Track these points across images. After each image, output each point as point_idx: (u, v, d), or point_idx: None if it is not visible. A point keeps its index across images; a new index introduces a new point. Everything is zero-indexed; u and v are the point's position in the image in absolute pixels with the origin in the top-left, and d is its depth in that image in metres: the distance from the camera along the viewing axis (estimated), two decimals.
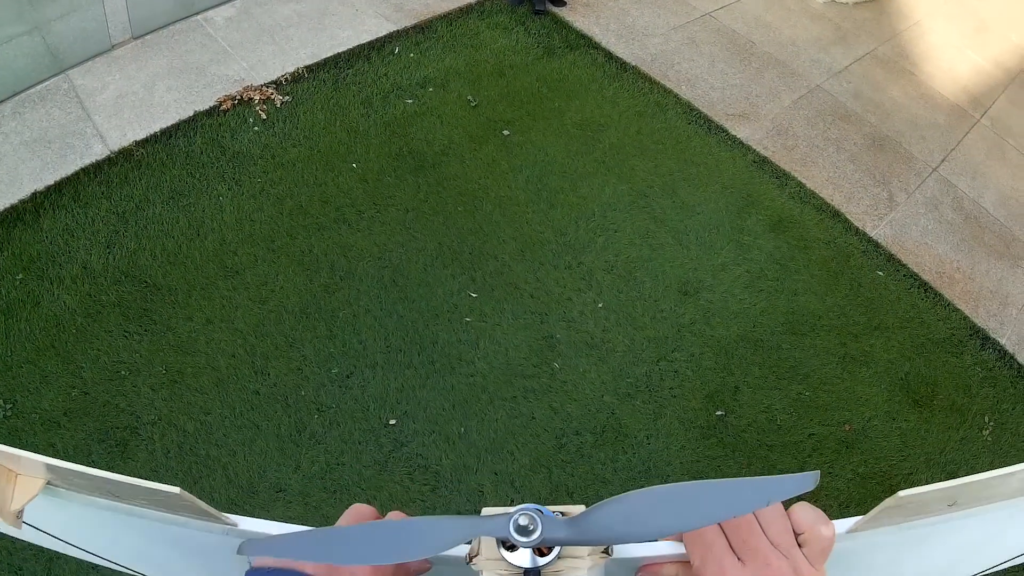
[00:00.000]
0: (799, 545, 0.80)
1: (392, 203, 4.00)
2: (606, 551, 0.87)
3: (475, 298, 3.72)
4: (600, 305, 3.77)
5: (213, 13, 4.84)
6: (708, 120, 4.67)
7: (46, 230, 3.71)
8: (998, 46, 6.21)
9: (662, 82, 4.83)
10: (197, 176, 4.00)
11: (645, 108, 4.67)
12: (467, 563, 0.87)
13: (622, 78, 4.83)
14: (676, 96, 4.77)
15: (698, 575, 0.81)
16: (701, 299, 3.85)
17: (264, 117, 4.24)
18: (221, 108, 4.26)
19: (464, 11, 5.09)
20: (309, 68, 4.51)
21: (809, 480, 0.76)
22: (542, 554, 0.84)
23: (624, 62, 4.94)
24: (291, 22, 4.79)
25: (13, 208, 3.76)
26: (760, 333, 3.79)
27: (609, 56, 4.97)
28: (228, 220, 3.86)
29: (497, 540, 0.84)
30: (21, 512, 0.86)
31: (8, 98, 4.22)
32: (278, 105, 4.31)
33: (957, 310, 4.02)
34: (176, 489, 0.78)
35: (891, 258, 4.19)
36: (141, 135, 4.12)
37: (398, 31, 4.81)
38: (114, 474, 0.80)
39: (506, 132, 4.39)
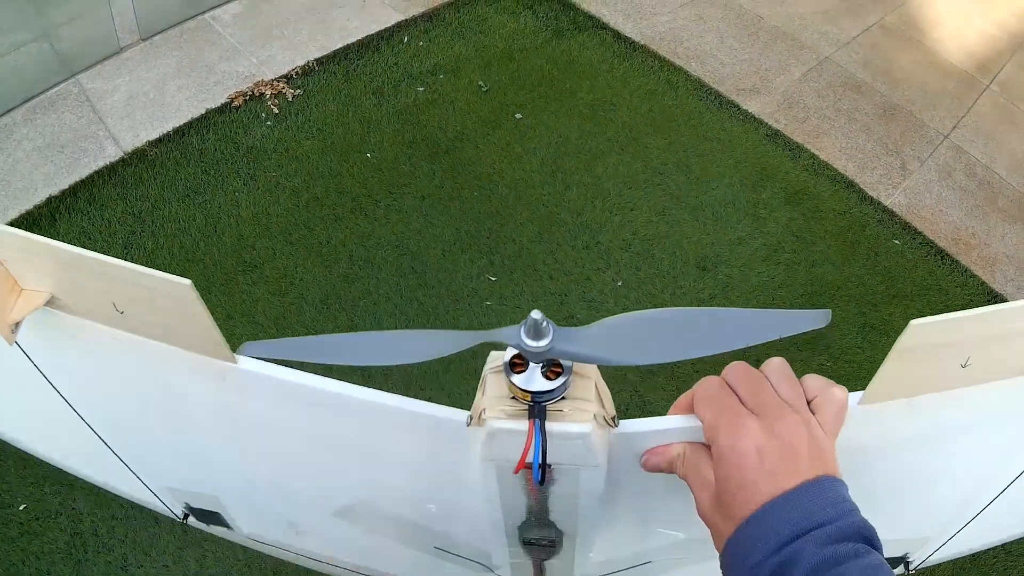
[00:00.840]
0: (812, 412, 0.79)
1: (408, 191, 3.99)
2: (612, 420, 0.84)
3: (494, 282, 3.71)
4: (619, 283, 3.75)
5: (221, 11, 4.83)
6: (719, 96, 4.65)
7: (62, 234, 3.70)
8: (1003, 11, 6.17)
9: (672, 60, 4.82)
10: (212, 173, 4.00)
11: (656, 86, 4.65)
12: (468, 424, 0.84)
13: (632, 57, 4.81)
14: (686, 73, 4.76)
15: (711, 430, 0.79)
16: (720, 274, 3.83)
17: (276, 112, 4.24)
18: (233, 105, 4.26)
19: None
20: (319, 61, 4.51)
21: (822, 316, 0.78)
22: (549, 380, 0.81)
23: (633, 41, 4.92)
24: (299, 16, 4.79)
25: (28, 214, 3.76)
26: (779, 305, 3.78)
27: (618, 36, 4.95)
28: (245, 215, 3.85)
29: (505, 369, 0.82)
30: (17, 327, 0.83)
31: (19, 105, 4.22)
32: (290, 99, 4.30)
33: (974, 276, 4.00)
34: (187, 281, 0.75)
35: (907, 226, 4.17)
36: (154, 135, 4.12)
37: (406, 20, 4.80)
38: (125, 262, 0.75)
39: (518, 115, 4.39)
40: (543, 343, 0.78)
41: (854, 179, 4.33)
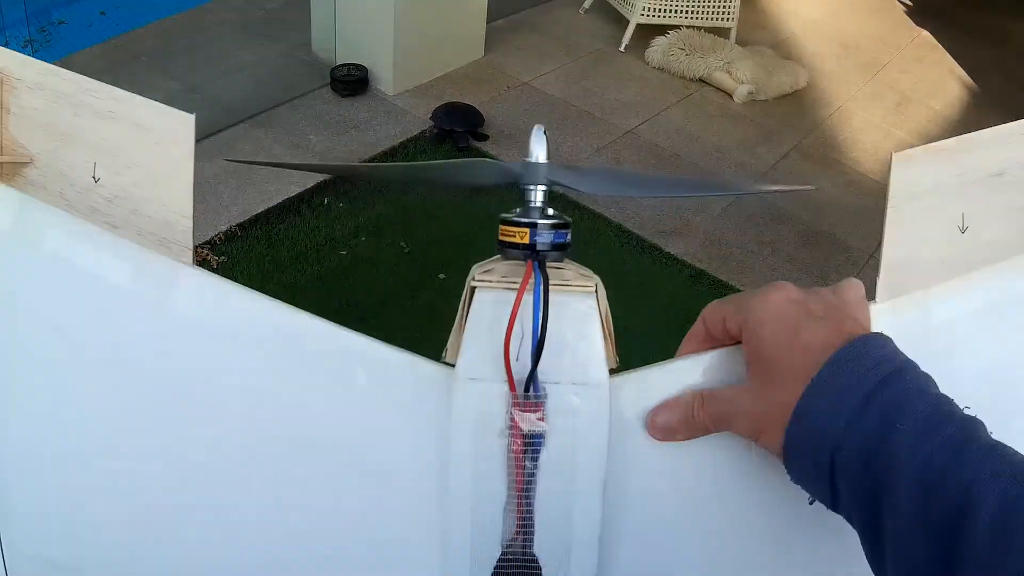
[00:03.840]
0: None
1: None
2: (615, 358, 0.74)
3: None
4: None
5: None
6: (641, 240, 4.90)
7: None
8: (920, 118, 6.53)
9: (591, 207, 5.07)
10: None
11: (577, 235, 4.82)
12: (442, 358, 0.76)
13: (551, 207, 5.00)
14: (607, 220, 5.01)
15: (737, 313, 0.71)
16: None
17: None
18: None
19: (388, 155, 5.33)
20: (241, 226, 4.71)
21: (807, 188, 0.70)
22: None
23: (551, 191, 5.11)
24: (219, 179, 4.96)
25: None
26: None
27: None
28: None
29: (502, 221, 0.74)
30: None
31: None
32: (214, 266, 4.45)
33: None
34: (190, 115, 0.69)
35: None
36: None
37: (325, 181, 5.02)
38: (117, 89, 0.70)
39: (442, 276, 4.58)
40: (544, 157, 0.73)
41: None
